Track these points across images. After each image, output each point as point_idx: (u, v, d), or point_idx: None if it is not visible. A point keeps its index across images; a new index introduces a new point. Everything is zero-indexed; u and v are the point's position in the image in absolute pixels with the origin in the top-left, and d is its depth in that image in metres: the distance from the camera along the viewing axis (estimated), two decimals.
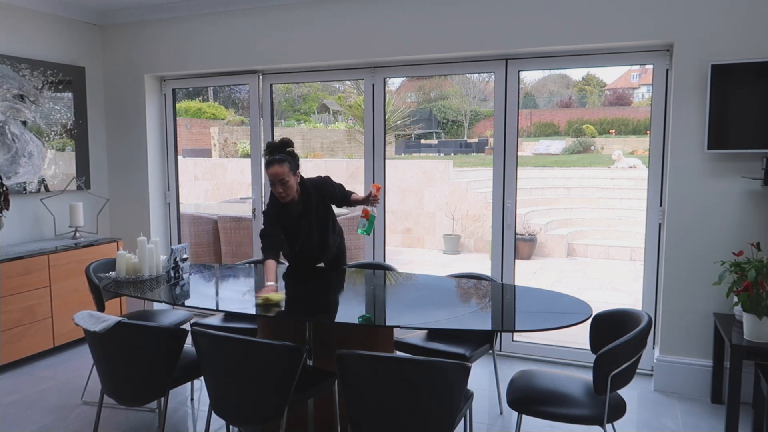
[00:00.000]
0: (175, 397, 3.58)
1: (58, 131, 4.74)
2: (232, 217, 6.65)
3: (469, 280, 3.37)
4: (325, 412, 2.89)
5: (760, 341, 2.96)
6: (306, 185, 3.36)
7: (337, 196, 3.44)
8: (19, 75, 4.39)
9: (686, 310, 3.59)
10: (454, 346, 3.03)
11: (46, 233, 4.75)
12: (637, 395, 3.62)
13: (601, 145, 16.16)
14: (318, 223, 3.42)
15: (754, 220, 3.41)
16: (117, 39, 5.10)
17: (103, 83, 5.18)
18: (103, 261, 3.67)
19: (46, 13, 4.68)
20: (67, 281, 4.39)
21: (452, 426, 2.23)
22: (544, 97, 20.21)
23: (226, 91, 18.61)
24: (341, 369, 2.26)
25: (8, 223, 4.36)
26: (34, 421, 3.32)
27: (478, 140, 17.12)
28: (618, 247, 9.19)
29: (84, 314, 2.78)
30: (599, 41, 3.69)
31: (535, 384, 2.62)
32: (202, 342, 2.50)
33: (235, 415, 2.51)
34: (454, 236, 9.63)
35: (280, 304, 2.83)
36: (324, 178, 3.48)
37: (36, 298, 4.19)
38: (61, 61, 4.79)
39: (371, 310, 2.96)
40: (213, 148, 14.52)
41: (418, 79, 16.55)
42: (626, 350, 2.35)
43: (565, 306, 2.83)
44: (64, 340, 4.41)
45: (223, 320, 3.57)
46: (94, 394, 3.47)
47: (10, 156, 4.21)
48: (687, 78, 3.48)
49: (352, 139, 15.17)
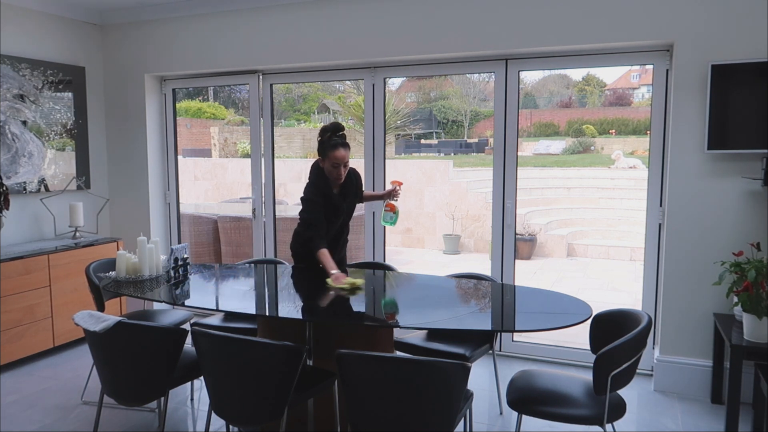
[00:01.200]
0: (175, 397, 3.58)
1: (58, 131, 4.74)
2: (232, 217, 6.65)
3: (469, 280, 3.37)
4: (325, 412, 2.89)
5: (760, 341, 2.96)
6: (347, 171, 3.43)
7: (361, 188, 3.58)
8: (19, 75, 4.39)
9: (686, 310, 3.59)
10: (454, 346, 3.03)
11: (46, 233, 4.75)
12: (637, 395, 3.62)
13: (601, 146, 16.16)
14: (348, 211, 3.51)
15: (754, 220, 3.41)
16: (117, 39, 5.10)
17: (103, 83, 5.18)
18: (103, 261, 3.67)
19: (46, 13, 4.68)
20: (67, 281, 4.39)
21: (452, 426, 2.23)
22: (544, 97, 20.20)
23: (226, 91, 18.61)
24: (341, 369, 2.26)
25: (8, 223, 4.36)
26: (34, 421, 3.32)
27: (478, 140, 17.12)
28: (618, 247, 9.19)
29: (84, 314, 2.78)
30: (599, 41, 3.69)
31: (535, 384, 2.62)
32: (202, 342, 2.50)
33: (235, 415, 2.51)
34: (454, 236, 9.63)
35: (362, 287, 3.05)
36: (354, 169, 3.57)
37: (36, 298, 4.19)
38: (61, 61, 4.79)
39: (371, 310, 2.96)
40: (213, 148, 14.52)
41: (418, 79, 16.55)
42: (626, 350, 2.35)
43: (565, 306, 2.83)
44: (64, 340, 4.41)
45: (223, 320, 3.57)
46: (94, 394, 3.47)
47: (10, 156, 4.21)
48: (687, 78, 3.48)
49: (352, 139, 15.11)
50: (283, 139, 14.35)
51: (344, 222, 3.54)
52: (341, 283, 3.00)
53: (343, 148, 3.28)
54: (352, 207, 3.57)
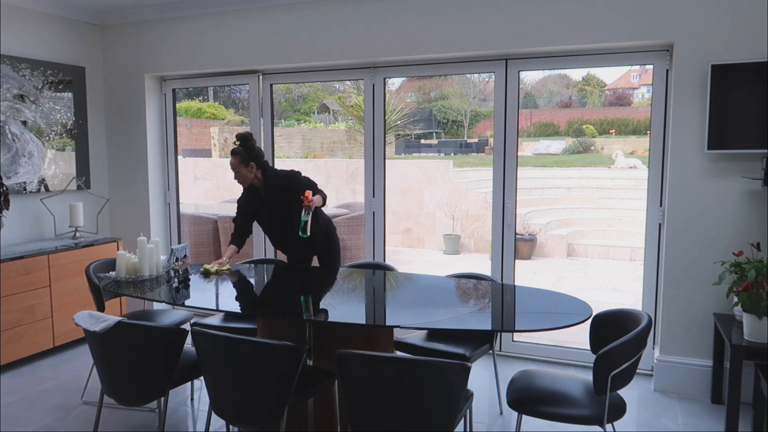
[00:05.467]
0: (175, 397, 3.58)
1: (58, 131, 4.74)
2: (232, 217, 6.64)
3: (469, 280, 3.37)
4: (325, 412, 2.89)
5: (760, 341, 2.96)
6: (267, 176, 3.66)
7: (299, 190, 3.51)
8: (19, 75, 4.39)
9: (686, 310, 3.59)
10: (454, 346, 3.03)
11: (46, 233, 4.75)
12: (637, 395, 3.62)
13: (601, 145, 16.15)
14: (280, 213, 3.63)
15: (754, 220, 3.41)
16: (117, 39, 5.10)
17: (103, 83, 5.18)
18: (103, 261, 3.67)
19: (46, 13, 4.68)
20: (67, 281, 4.39)
21: (452, 426, 2.23)
22: (544, 97, 20.19)
23: (226, 91, 18.60)
24: (341, 369, 2.27)
25: (8, 223, 4.36)
26: (34, 421, 3.32)
27: (478, 140, 17.11)
28: (618, 247, 9.18)
29: (84, 314, 2.78)
30: (599, 41, 3.69)
31: (535, 384, 2.62)
32: (202, 342, 2.50)
33: (235, 415, 2.51)
34: (454, 236, 9.63)
35: (218, 272, 3.53)
36: (290, 172, 3.72)
37: (36, 298, 4.19)
38: (61, 61, 4.79)
39: (371, 310, 2.96)
40: (213, 148, 14.51)
41: (418, 79, 16.54)
42: (626, 350, 2.35)
43: (565, 306, 2.83)
44: (64, 340, 4.41)
45: (223, 320, 3.57)
46: (94, 394, 3.47)
47: (10, 156, 4.20)
48: (687, 78, 3.48)
49: (352, 139, 15.17)
50: (283, 139, 14.36)
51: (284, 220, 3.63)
52: (222, 265, 3.58)
53: (232, 156, 3.61)
54: (291, 213, 3.55)
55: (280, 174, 3.70)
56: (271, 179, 3.65)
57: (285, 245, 3.80)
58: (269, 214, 3.70)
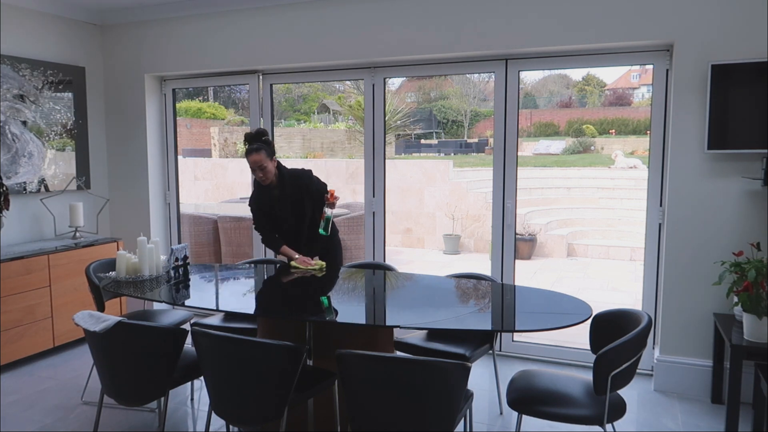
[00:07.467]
0: (175, 397, 3.58)
1: (58, 131, 4.74)
2: (232, 217, 6.65)
3: (469, 280, 3.37)
4: (325, 412, 2.89)
5: (760, 341, 2.96)
6: (282, 172, 3.59)
7: (312, 190, 3.58)
8: (19, 75, 4.39)
9: (686, 310, 3.59)
10: (454, 346, 3.03)
11: (46, 233, 4.75)
12: (637, 395, 3.62)
13: (601, 145, 16.16)
14: (291, 211, 3.61)
15: (754, 220, 3.41)
16: (117, 39, 5.10)
17: (103, 83, 5.18)
18: (103, 261, 3.67)
19: (46, 13, 4.68)
20: (67, 281, 4.39)
21: (452, 426, 2.23)
22: (544, 97, 20.20)
23: (226, 91, 18.61)
24: (341, 369, 2.27)
25: (8, 223, 4.36)
26: (34, 421, 3.32)
27: (478, 140, 17.11)
28: (618, 247, 9.19)
29: (84, 314, 2.78)
30: (599, 41, 3.69)
31: (535, 384, 2.62)
32: (202, 342, 2.50)
33: (235, 415, 2.51)
34: (454, 236, 9.63)
35: (323, 269, 3.51)
36: (302, 171, 3.69)
37: (36, 298, 4.19)
38: (61, 61, 4.79)
39: (371, 310, 2.96)
40: (213, 148, 14.52)
41: (418, 79, 16.55)
42: (626, 350, 2.35)
43: (565, 306, 2.83)
44: (64, 340, 4.41)
45: (223, 320, 3.57)
46: (94, 394, 3.47)
47: (10, 156, 4.21)
48: (687, 78, 3.48)
49: (352, 139, 15.18)
50: (283, 139, 14.37)
51: (297, 225, 3.63)
52: (309, 264, 3.50)
53: (255, 153, 3.47)
54: (303, 212, 3.60)
55: (294, 172, 3.65)
56: (288, 177, 3.60)
57: (291, 244, 3.72)
58: (280, 212, 3.64)
